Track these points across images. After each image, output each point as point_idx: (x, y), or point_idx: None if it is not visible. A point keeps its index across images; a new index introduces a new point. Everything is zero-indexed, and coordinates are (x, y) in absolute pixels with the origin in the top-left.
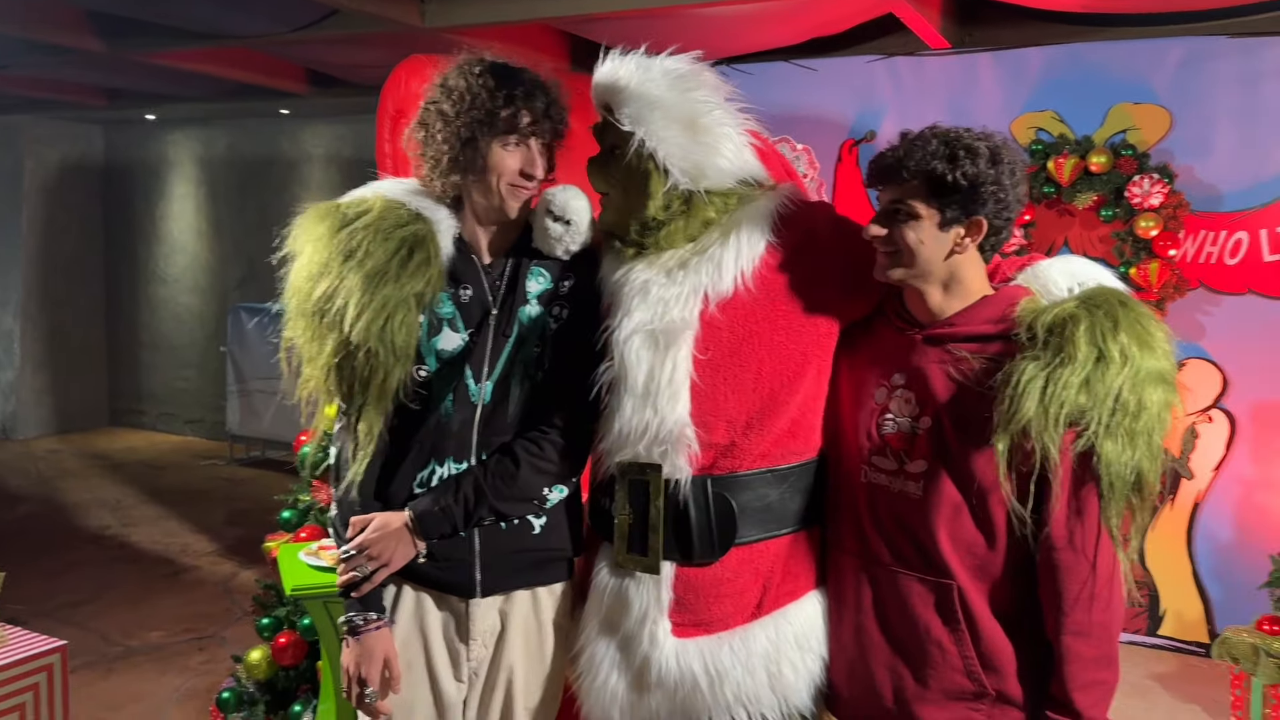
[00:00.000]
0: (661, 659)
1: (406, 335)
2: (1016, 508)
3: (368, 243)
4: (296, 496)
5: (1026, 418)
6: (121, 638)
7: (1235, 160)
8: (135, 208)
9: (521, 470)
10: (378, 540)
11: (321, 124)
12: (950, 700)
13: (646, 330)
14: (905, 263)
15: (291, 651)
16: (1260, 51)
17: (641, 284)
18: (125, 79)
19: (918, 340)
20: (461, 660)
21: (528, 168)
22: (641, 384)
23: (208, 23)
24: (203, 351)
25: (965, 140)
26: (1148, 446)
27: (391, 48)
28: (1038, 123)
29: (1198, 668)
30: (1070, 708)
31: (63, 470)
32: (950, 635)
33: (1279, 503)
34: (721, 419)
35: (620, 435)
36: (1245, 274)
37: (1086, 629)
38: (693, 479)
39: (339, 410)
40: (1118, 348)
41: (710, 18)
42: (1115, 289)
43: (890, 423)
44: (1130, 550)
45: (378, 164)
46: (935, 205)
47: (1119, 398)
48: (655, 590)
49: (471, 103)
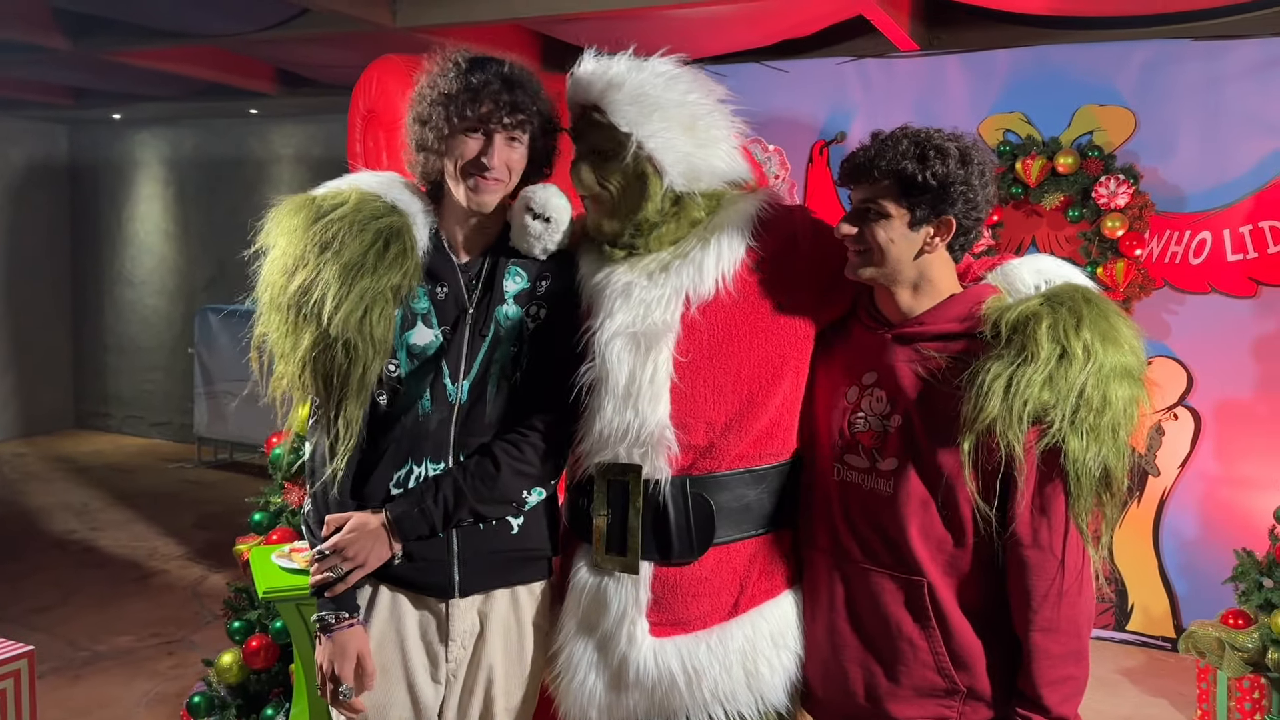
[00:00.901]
0: (639, 658)
1: (385, 328)
2: (981, 506)
3: (344, 234)
4: (268, 499)
5: (991, 416)
6: (89, 643)
7: (1199, 162)
8: (101, 209)
9: (502, 473)
10: (354, 540)
11: (291, 124)
12: (922, 697)
13: (628, 333)
14: (875, 261)
15: (263, 655)
16: (1223, 55)
17: (623, 286)
18: (91, 78)
19: (888, 339)
20: (440, 662)
21: (480, 157)
22: (623, 386)
23: (175, 21)
24: (170, 354)
25: (935, 140)
26: (1114, 442)
27: (362, 48)
28: (1005, 124)
29: (1165, 662)
30: (1039, 704)
31: (27, 474)
32: (921, 632)
33: (1244, 498)
34: (701, 420)
35: (600, 437)
36: (1209, 273)
37: (1054, 625)
38: (672, 480)
39: (313, 407)
40: (1080, 344)
41: (682, 19)
42: (1081, 285)
43: (862, 421)
44: (1100, 547)
45: (349, 162)
46: (905, 205)
47: (1082, 394)
48: (634, 590)
49: (439, 86)
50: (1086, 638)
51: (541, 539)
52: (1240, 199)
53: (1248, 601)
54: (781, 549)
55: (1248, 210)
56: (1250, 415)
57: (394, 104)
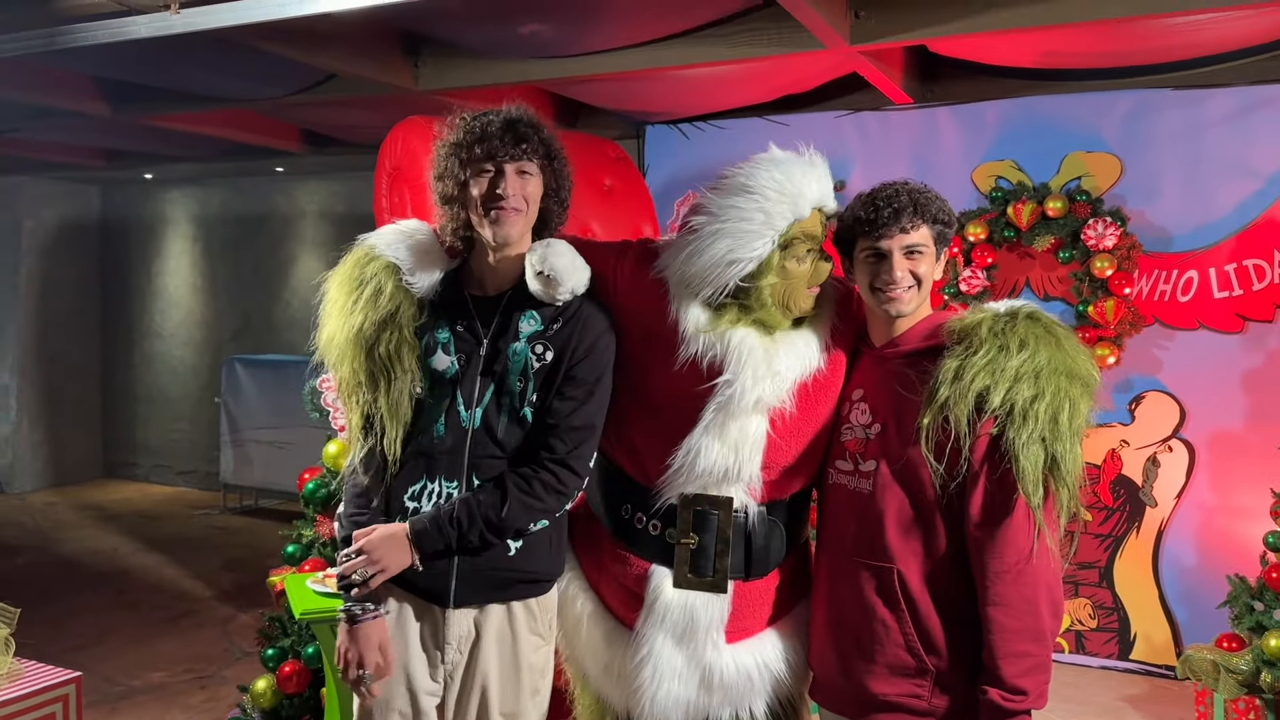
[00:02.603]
0: (722, 664)
1: (396, 351)
2: (934, 465)
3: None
4: (300, 531)
5: (944, 397)
6: (124, 679)
7: (1183, 204)
8: (132, 265)
9: (510, 505)
10: (379, 544)
11: (315, 181)
12: (895, 676)
13: (753, 394)
14: (922, 293)
15: (296, 680)
16: (1202, 103)
17: (749, 348)
18: (125, 140)
19: (873, 360)
20: (437, 663)
21: (494, 188)
22: (733, 435)
23: (211, 87)
24: (196, 404)
25: (934, 191)
26: (1054, 427)
27: (385, 109)
28: (997, 171)
29: (1168, 689)
30: (996, 674)
31: (59, 522)
32: (892, 615)
33: (1239, 527)
34: (780, 464)
35: (696, 471)
36: (1197, 310)
37: (1006, 600)
38: (754, 508)
39: (361, 402)
40: (1016, 339)
41: (689, 79)
42: (1031, 306)
43: (848, 430)
44: (1059, 534)
45: (375, 218)
46: (934, 243)
47: (1018, 378)
48: (720, 607)
49: (450, 144)
50: (1046, 619)
51: (540, 562)
52: (1224, 239)
53: (1240, 625)
54: (807, 556)
55: (1231, 249)
56: (1242, 446)
57: (418, 161)
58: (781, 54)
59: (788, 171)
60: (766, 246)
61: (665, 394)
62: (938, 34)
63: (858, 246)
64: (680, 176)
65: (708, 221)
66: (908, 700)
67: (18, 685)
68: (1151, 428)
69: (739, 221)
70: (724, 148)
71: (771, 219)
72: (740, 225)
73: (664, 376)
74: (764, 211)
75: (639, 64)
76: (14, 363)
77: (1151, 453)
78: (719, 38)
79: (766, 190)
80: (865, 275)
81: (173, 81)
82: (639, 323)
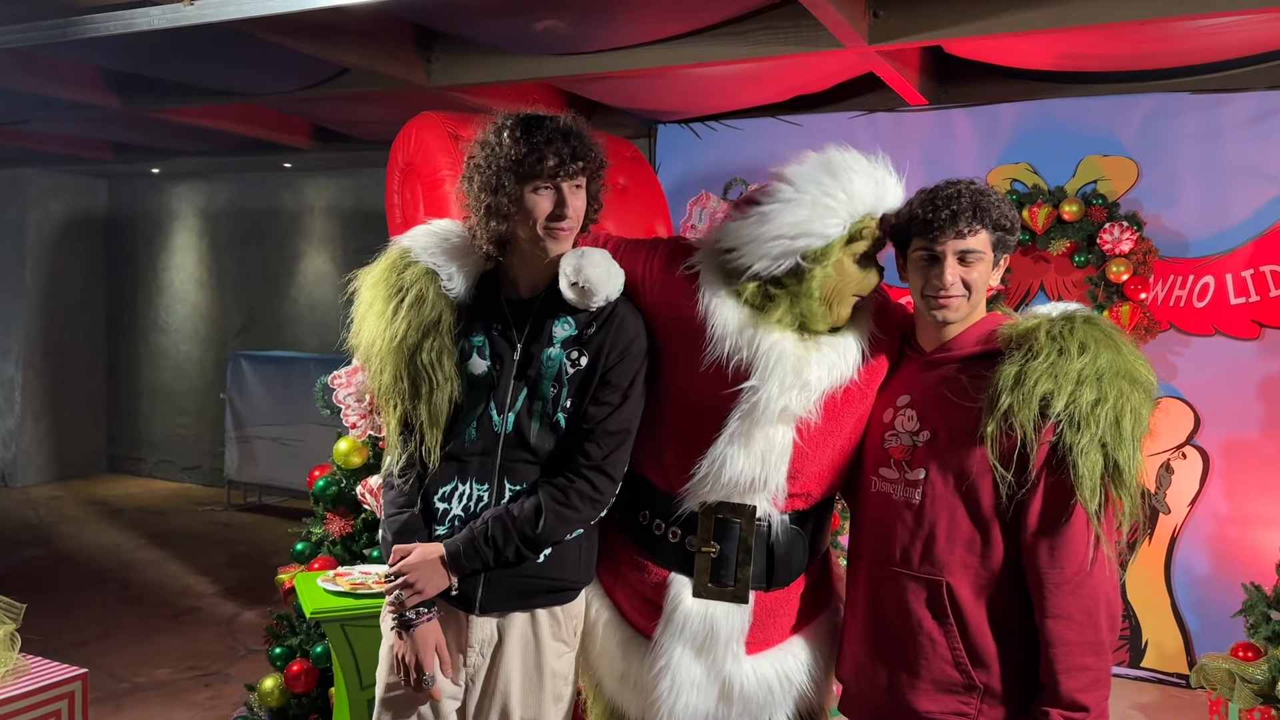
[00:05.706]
0: (743, 676)
1: (437, 357)
2: (1002, 473)
3: (379, 289)
4: (309, 529)
5: (1007, 404)
6: (128, 675)
7: (1199, 209)
8: (138, 259)
9: (547, 520)
10: (416, 568)
11: (323, 177)
12: (941, 692)
13: (781, 401)
14: (973, 301)
15: (304, 679)
16: (1219, 108)
17: (778, 354)
18: (134, 133)
19: (920, 365)
20: (459, 665)
21: (558, 209)
22: (758, 445)
23: (222, 81)
24: (201, 399)
25: (999, 193)
26: (1116, 431)
27: (397, 104)
28: (1013, 174)
29: (1179, 698)
30: (1056, 691)
31: (63, 516)
32: (940, 629)
33: (1252, 535)
34: (805, 474)
35: (721, 480)
36: (1213, 316)
37: (1068, 613)
38: (777, 517)
39: (400, 408)
40: (1075, 343)
41: (701, 78)
42: (1085, 310)
43: (894, 438)
44: (1119, 542)
45: (387, 214)
46: (993, 247)
47: (1079, 382)
48: (740, 617)
49: (502, 153)
50: (1105, 631)
51: (569, 570)
52: (1241, 244)
53: (1256, 634)
54: (829, 565)
55: (1249, 255)
56: (1257, 454)
57: (431, 157)
58: (799, 53)
59: (873, 167)
60: (838, 229)
61: (690, 397)
62: (957, 34)
63: (912, 245)
64: (691, 176)
65: (784, 191)
66: (954, 718)
67: (23, 681)
68: (1165, 434)
69: (821, 195)
70: (736, 148)
71: (853, 201)
72: (822, 199)
73: (689, 378)
74: (847, 193)
75: (655, 61)
76: (19, 356)
77: (1165, 459)
78: (736, 35)
79: (854, 175)
80: (917, 278)
81: (183, 75)
82: (667, 322)
